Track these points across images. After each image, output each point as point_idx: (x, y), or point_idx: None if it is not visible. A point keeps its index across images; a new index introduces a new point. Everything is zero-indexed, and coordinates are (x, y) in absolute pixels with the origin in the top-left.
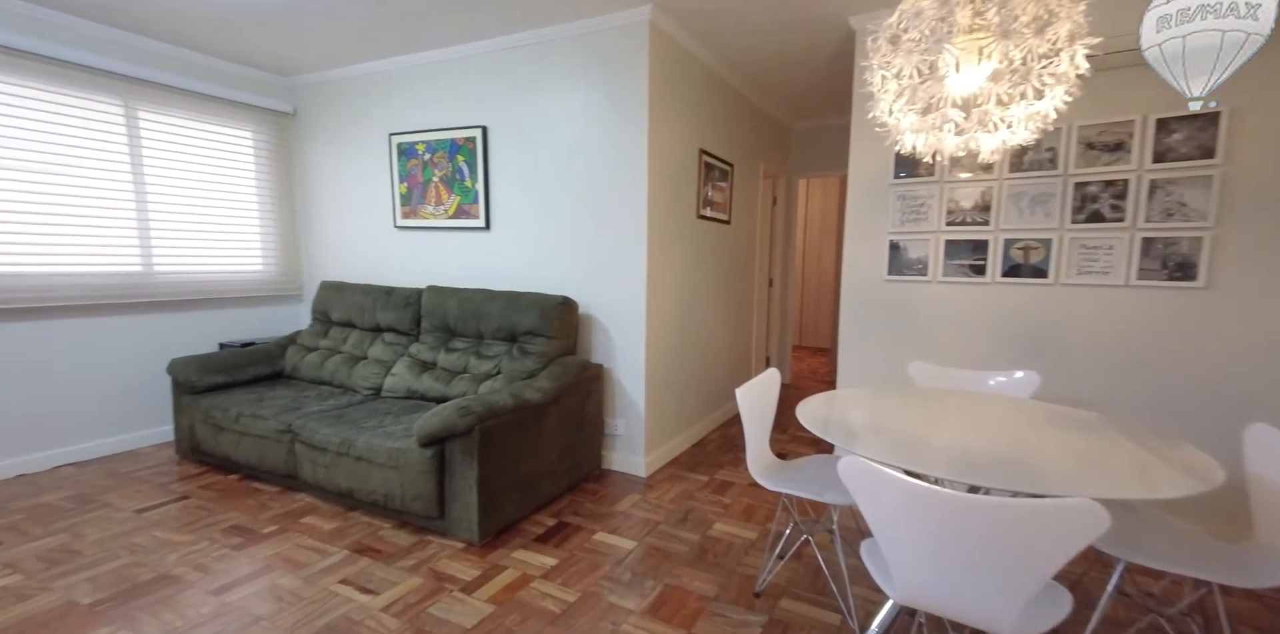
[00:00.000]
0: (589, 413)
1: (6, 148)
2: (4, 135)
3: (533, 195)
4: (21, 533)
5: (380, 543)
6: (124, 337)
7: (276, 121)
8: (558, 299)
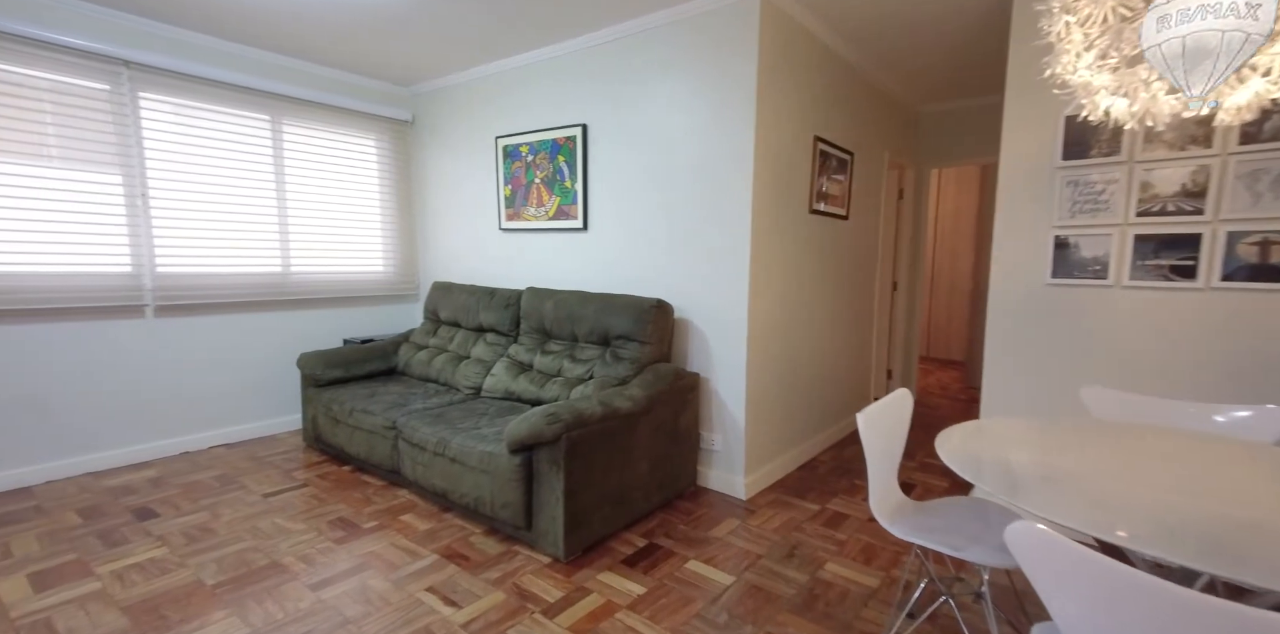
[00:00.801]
0: (683, 425)
1: (181, 164)
2: (179, 152)
3: (630, 194)
4: (175, 507)
5: (469, 550)
6: (266, 331)
7: (397, 129)
8: (651, 302)
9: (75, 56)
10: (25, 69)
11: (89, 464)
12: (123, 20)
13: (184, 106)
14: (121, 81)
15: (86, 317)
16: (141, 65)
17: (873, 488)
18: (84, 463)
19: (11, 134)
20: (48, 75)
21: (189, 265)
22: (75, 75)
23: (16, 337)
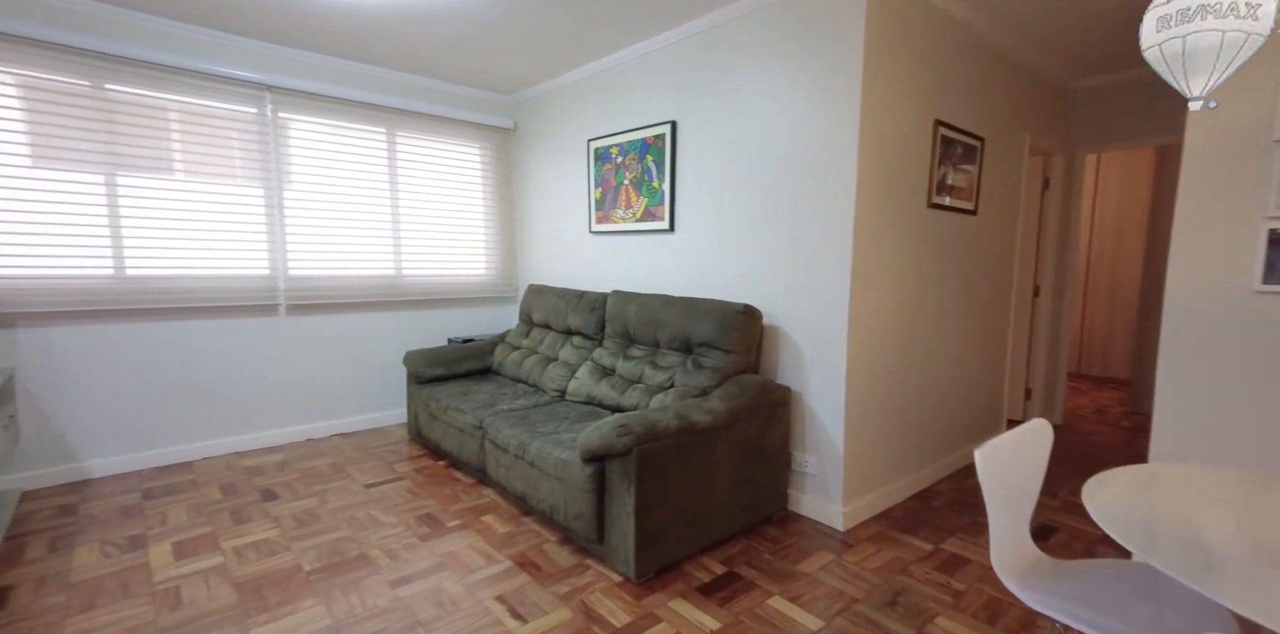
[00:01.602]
0: (772, 443)
1: (310, 176)
2: (308, 165)
3: (718, 192)
4: (292, 491)
5: (542, 559)
6: (380, 329)
7: (499, 137)
8: (737, 307)
9: (232, 85)
10: (192, 98)
11: (234, 445)
12: (267, 50)
13: (314, 123)
14: (265, 104)
15: (232, 315)
16: (282, 88)
17: (994, 540)
18: (231, 443)
19: (175, 154)
20: (209, 103)
21: (315, 268)
22: (230, 101)
23: (181, 332)
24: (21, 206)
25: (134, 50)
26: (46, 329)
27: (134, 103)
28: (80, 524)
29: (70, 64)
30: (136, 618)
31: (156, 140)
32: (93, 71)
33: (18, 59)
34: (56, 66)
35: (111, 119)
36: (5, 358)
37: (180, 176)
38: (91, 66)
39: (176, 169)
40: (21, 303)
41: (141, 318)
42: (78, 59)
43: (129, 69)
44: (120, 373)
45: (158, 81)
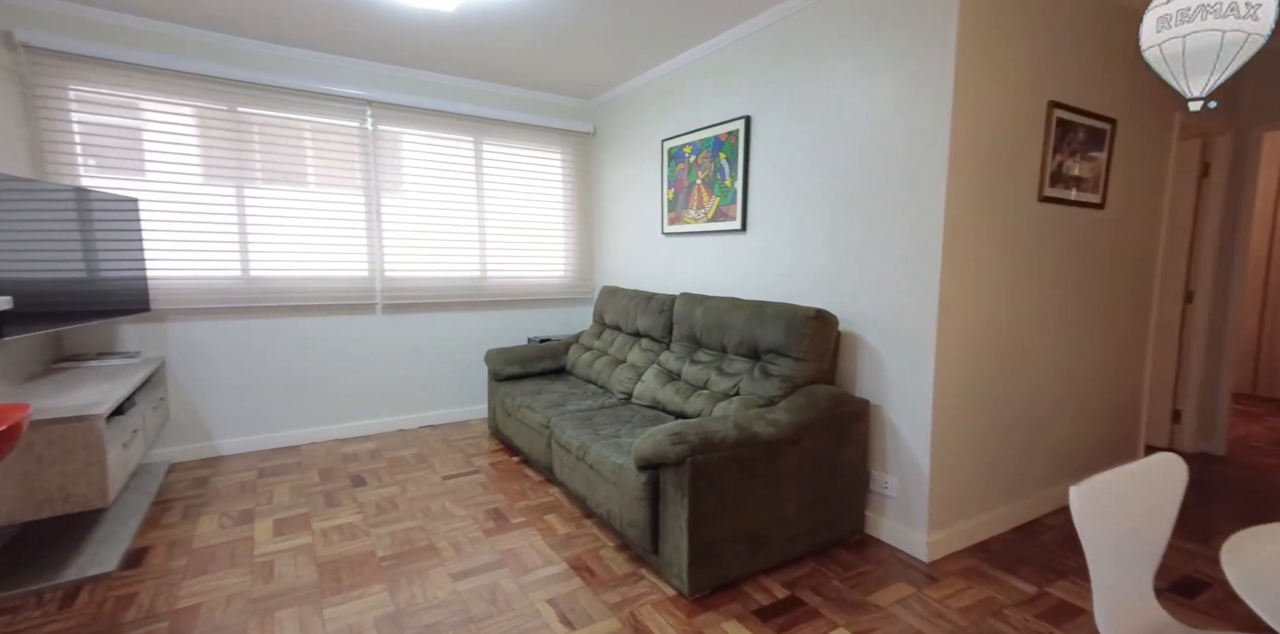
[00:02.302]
0: (846, 461)
1: (405, 183)
2: (403, 172)
3: (794, 188)
4: (378, 479)
5: (598, 564)
6: (465, 328)
7: (579, 141)
8: (809, 312)
9: (339, 102)
10: (305, 115)
11: (335, 432)
12: (368, 68)
13: (408, 134)
14: (365, 118)
15: (336, 312)
16: (381, 103)
17: (1098, 596)
18: (333, 431)
19: (290, 167)
20: (319, 119)
21: (408, 271)
22: (337, 117)
23: (294, 328)
24: (171, 217)
25: (261, 76)
26: (189, 324)
27: (259, 122)
28: (208, 496)
29: (212, 91)
30: (235, 586)
31: (276, 154)
32: (229, 97)
33: (169, 89)
34: (201, 94)
35: (241, 137)
36: (159, 348)
37: (294, 187)
38: (228, 92)
39: (291, 180)
40: (171, 301)
41: (262, 315)
42: (218, 87)
43: (257, 92)
44: (244, 363)
45: (278, 102)
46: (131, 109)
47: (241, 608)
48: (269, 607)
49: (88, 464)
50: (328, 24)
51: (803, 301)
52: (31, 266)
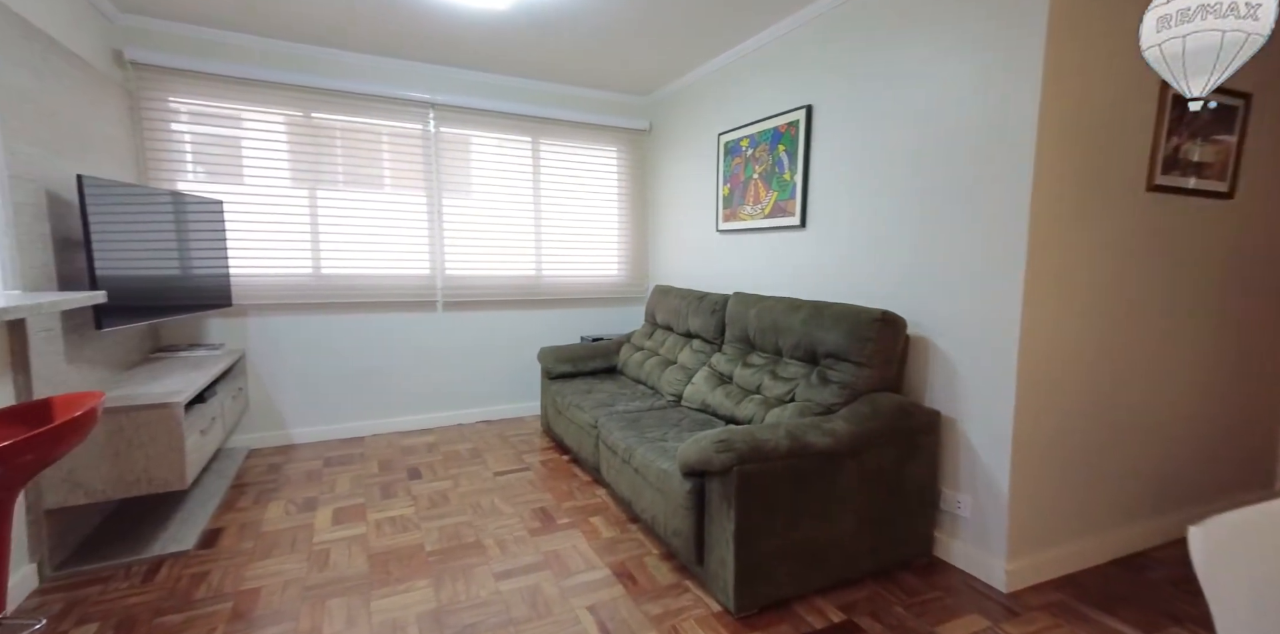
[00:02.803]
0: (913, 476)
1: (464, 184)
2: (463, 173)
3: (858, 180)
4: (434, 472)
5: (641, 572)
6: (521, 325)
7: (635, 139)
8: (873, 314)
9: (404, 105)
10: (373, 119)
11: (397, 425)
12: (431, 70)
13: (468, 135)
14: (429, 120)
15: (399, 309)
16: (443, 105)
17: None
18: (395, 423)
19: (358, 169)
20: (385, 122)
21: (467, 269)
22: (402, 120)
23: (360, 323)
24: (251, 218)
25: (333, 82)
26: (266, 318)
27: (330, 127)
28: (278, 482)
29: (289, 99)
30: (293, 572)
31: (346, 158)
32: (304, 103)
33: (251, 97)
34: (279, 101)
35: (314, 142)
36: (240, 340)
37: (362, 188)
38: (303, 99)
39: (359, 182)
40: (251, 296)
41: (332, 311)
42: (294, 94)
43: (329, 98)
44: (316, 356)
45: (348, 107)
46: (218, 117)
47: (297, 594)
48: (321, 594)
49: (168, 448)
50: (393, 28)
51: (866, 302)
52: (128, 264)
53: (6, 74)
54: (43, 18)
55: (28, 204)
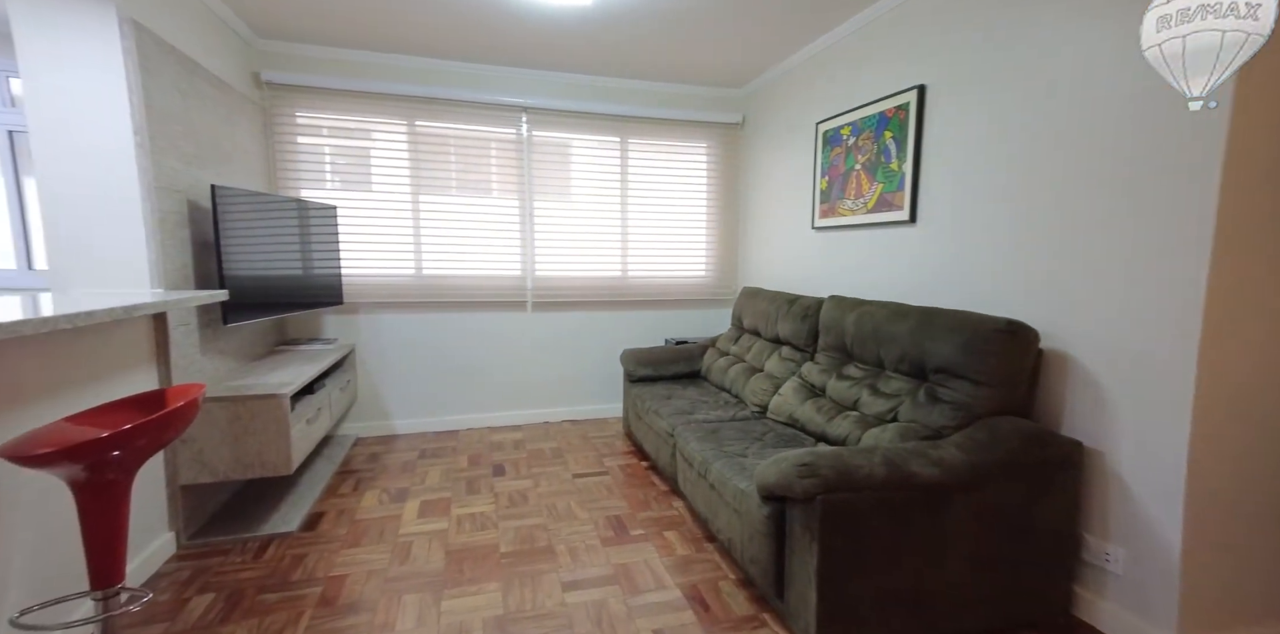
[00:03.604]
0: (1044, 518)
1: (554, 185)
2: (553, 176)
3: (982, 168)
4: (516, 469)
5: (714, 598)
6: (607, 326)
7: (727, 133)
8: (997, 323)
9: (498, 110)
10: (470, 125)
11: (489, 421)
12: (523, 75)
13: (558, 137)
14: (522, 124)
15: (492, 309)
16: (535, 108)
17: None
18: (487, 419)
19: (456, 174)
20: (482, 128)
21: (555, 270)
22: (497, 125)
23: (456, 322)
24: (360, 222)
25: (433, 90)
26: (374, 316)
27: (431, 134)
28: (376, 471)
29: (395, 108)
30: (377, 563)
31: (445, 163)
32: (408, 112)
33: (360, 108)
34: (387, 111)
35: (418, 149)
36: (350, 336)
37: (458, 192)
38: (407, 108)
39: (456, 186)
40: (360, 295)
41: (432, 309)
42: (400, 104)
43: (431, 107)
44: (417, 352)
45: (448, 114)
46: (334, 128)
47: (377, 586)
48: (399, 588)
49: (276, 436)
50: (485, 34)
51: (990, 309)
52: (253, 265)
53: (157, 97)
54: (191, 45)
55: (172, 212)
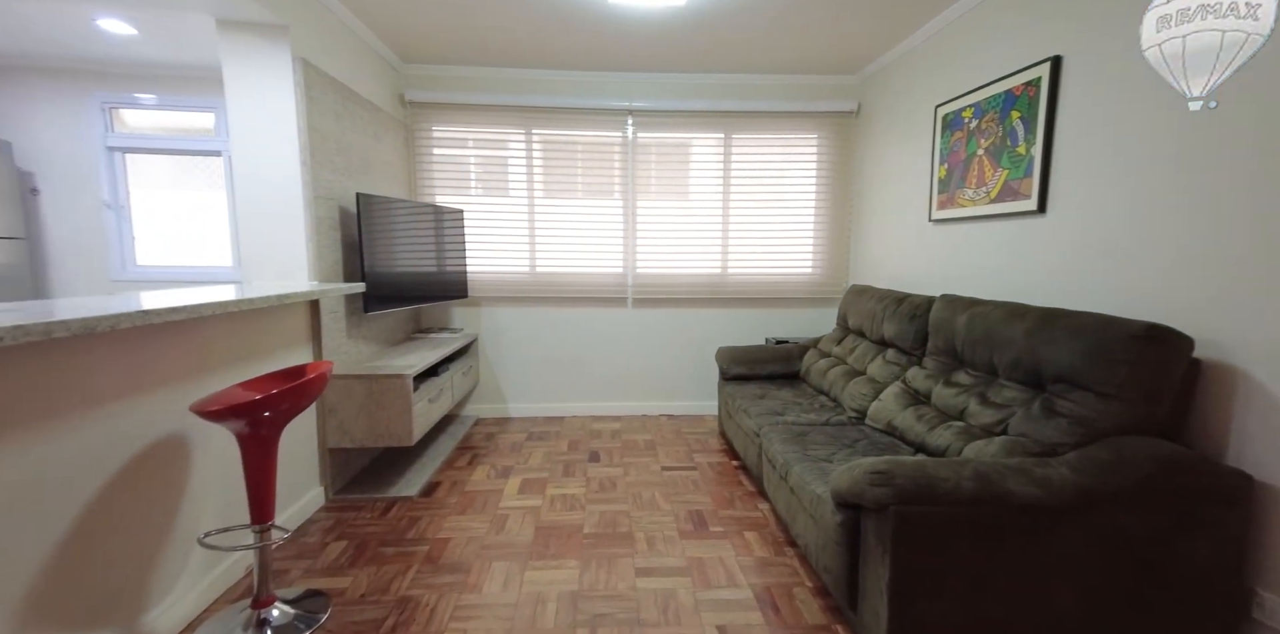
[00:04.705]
0: (1193, 560)
1: (654, 184)
2: (653, 175)
3: (1123, 150)
4: (610, 458)
5: (787, 603)
6: (706, 323)
7: (840, 122)
8: (1134, 327)
9: (606, 115)
10: (580, 131)
11: (591, 409)
12: (628, 79)
13: (662, 137)
14: (627, 126)
15: (595, 304)
16: (640, 110)
17: None
18: (590, 408)
19: (564, 177)
20: (591, 132)
21: (655, 267)
22: (604, 129)
23: (563, 316)
24: (483, 223)
25: (546, 100)
26: (494, 308)
27: (545, 140)
28: (489, 449)
29: (515, 118)
30: (476, 531)
31: (556, 167)
32: (526, 121)
33: (484, 120)
34: (508, 122)
35: (533, 155)
36: (474, 326)
37: (567, 194)
38: (525, 117)
39: (568, 188)
40: (482, 289)
41: (543, 304)
42: (519, 114)
43: (546, 115)
44: (530, 343)
45: (560, 121)
46: (462, 139)
47: (474, 551)
48: (491, 555)
49: (401, 411)
50: (589, 39)
51: (1138, 312)
52: (390, 261)
53: (317, 120)
54: (347, 74)
55: (326, 217)
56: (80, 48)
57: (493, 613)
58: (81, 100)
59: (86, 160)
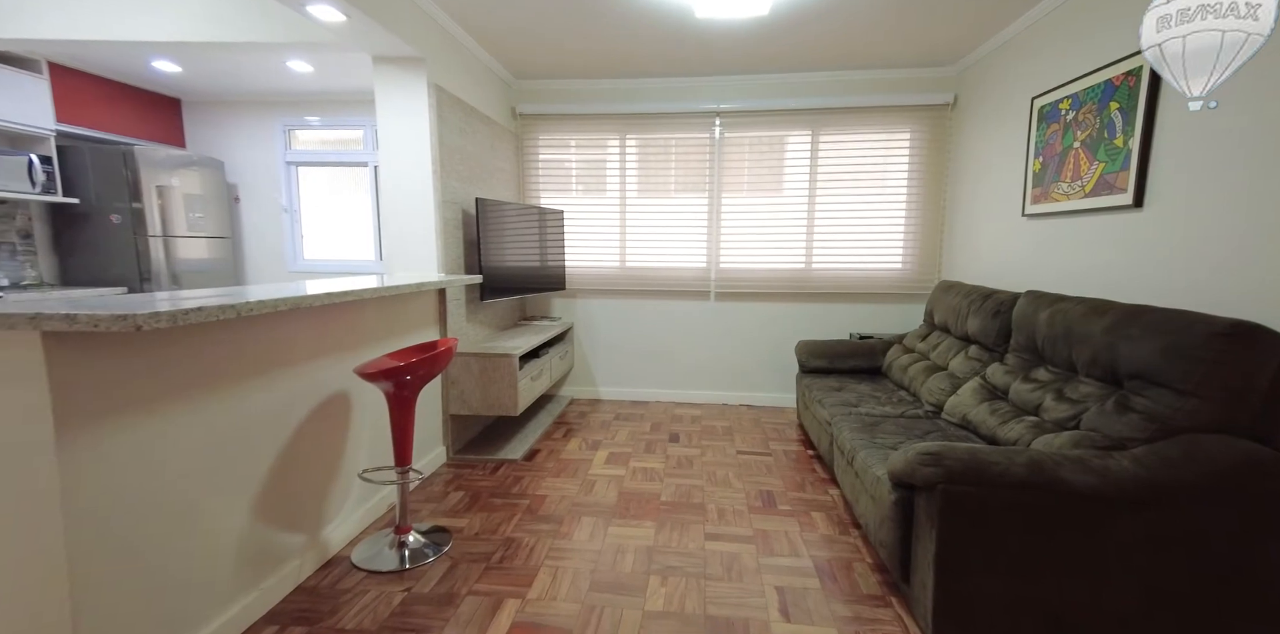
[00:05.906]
0: (1268, 561)
1: (742, 181)
2: (740, 172)
3: (1231, 138)
4: (689, 440)
5: (845, 574)
6: (789, 317)
7: (933, 115)
8: (1218, 325)
9: (696, 117)
10: (673, 133)
11: (674, 396)
12: (715, 82)
13: (749, 137)
14: (714, 127)
15: (679, 297)
16: (727, 111)
17: None
18: (673, 395)
19: (656, 177)
20: (683, 135)
21: (738, 262)
22: (694, 131)
23: (650, 308)
24: (580, 221)
25: (639, 106)
26: (588, 300)
27: (638, 144)
28: (582, 425)
29: (611, 125)
30: (567, 490)
31: (647, 169)
32: (622, 127)
33: (584, 128)
34: (605, 128)
35: (626, 158)
36: (569, 316)
37: (657, 193)
38: (621, 123)
39: (657, 188)
40: (580, 283)
41: (631, 296)
42: (615, 121)
43: (640, 121)
44: (619, 332)
45: (652, 126)
46: (564, 146)
47: (566, 507)
48: (580, 512)
49: (508, 386)
50: (677, 49)
51: (1240, 311)
52: (503, 257)
53: (446, 136)
54: (470, 94)
55: (451, 219)
56: (273, 83)
57: (580, 556)
58: (269, 124)
59: (270, 173)
